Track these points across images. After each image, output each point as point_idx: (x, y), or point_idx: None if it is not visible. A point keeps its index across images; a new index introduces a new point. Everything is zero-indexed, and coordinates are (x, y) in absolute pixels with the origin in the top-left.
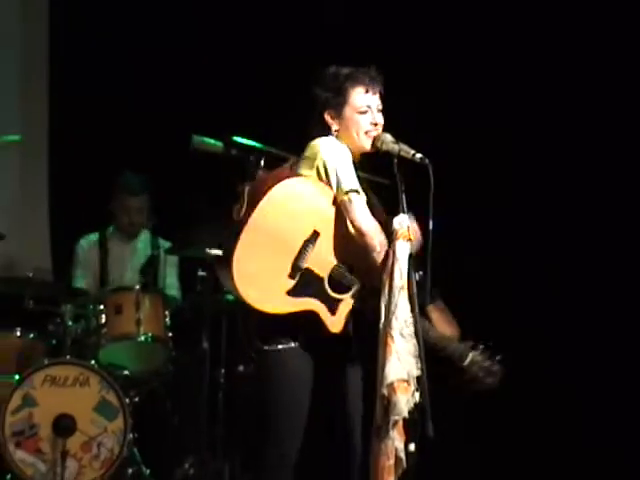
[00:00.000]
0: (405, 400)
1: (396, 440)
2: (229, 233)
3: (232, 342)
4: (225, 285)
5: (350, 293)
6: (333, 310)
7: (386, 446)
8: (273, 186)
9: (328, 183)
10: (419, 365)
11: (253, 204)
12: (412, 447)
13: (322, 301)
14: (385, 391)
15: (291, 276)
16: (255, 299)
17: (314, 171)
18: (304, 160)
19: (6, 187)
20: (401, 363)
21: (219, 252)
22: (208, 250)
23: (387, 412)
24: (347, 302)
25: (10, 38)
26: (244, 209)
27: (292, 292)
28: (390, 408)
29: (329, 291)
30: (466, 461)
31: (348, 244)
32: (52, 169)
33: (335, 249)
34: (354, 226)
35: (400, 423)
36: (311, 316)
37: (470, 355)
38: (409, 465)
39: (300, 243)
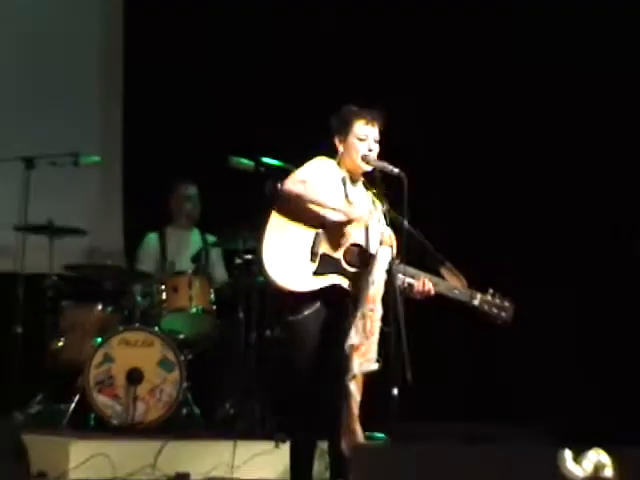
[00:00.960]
0: (358, 362)
1: (352, 388)
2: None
3: (262, 313)
4: (262, 274)
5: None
6: (354, 281)
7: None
8: None
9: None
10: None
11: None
12: (395, 392)
13: (344, 276)
14: (347, 350)
15: (312, 260)
16: (290, 284)
17: None
18: None
19: (89, 196)
20: (357, 334)
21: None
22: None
23: (348, 367)
24: (363, 272)
25: (91, 70)
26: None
27: (317, 273)
28: (349, 365)
29: (347, 267)
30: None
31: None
32: (125, 180)
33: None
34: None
35: (358, 378)
36: (327, 288)
37: (479, 296)
38: (393, 407)
39: (312, 234)
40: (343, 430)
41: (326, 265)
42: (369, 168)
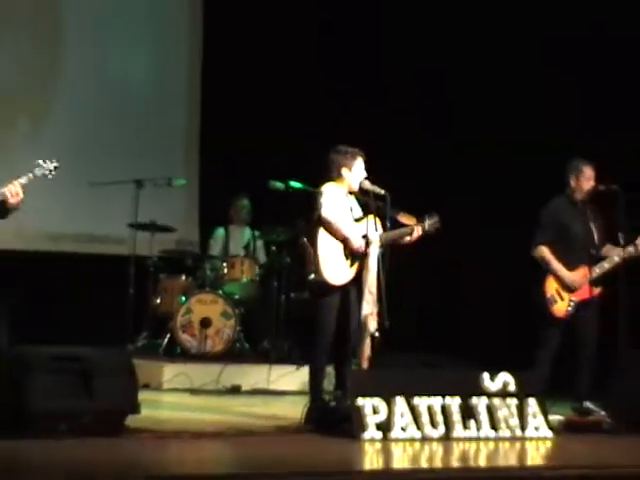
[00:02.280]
0: (372, 325)
1: (367, 341)
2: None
3: (288, 283)
4: (309, 270)
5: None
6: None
7: (364, 341)
8: None
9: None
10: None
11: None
12: (377, 334)
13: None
14: (363, 318)
15: (346, 257)
16: (332, 277)
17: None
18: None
19: (177, 204)
20: (368, 305)
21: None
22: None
23: (364, 328)
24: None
25: (178, 120)
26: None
27: (352, 265)
28: (365, 327)
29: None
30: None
31: None
32: (200, 194)
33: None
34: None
35: (369, 331)
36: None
37: (426, 223)
38: (375, 345)
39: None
40: (359, 359)
41: (355, 259)
42: (367, 188)
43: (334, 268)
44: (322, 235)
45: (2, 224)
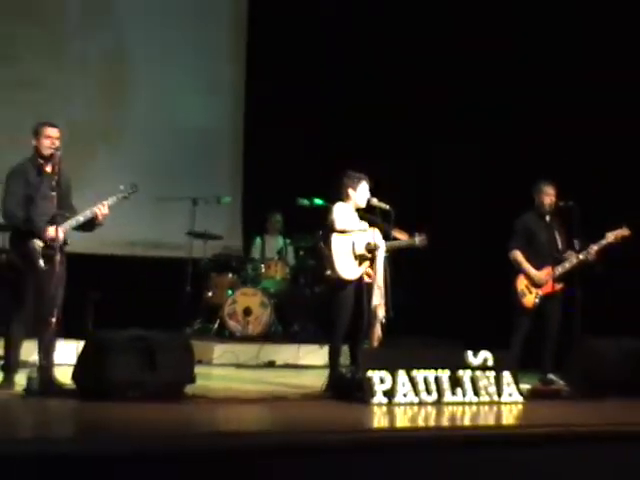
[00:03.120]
0: (381, 313)
1: (378, 326)
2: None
3: (312, 281)
4: (326, 268)
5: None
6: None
7: (374, 326)
8: None
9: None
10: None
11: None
12: (384, 320)
13: (372, 263)
14: (373, 308)
15: (355, 258)
16: (344, 273)
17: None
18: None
19: (224, 217)
20: (377, 296)
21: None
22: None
23: (374, 316)
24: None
25: (225, 136)
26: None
27: (360, 264)
28: (375, 315)
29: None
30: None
31: None
32: (243, 209)
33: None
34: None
35: (378, 318)
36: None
37: (416, 239)
38: (382, 329)
39: (351, 245)
40: (370, 340)
41: (363, 259)
42: (374, 205)
43: (345, 266)
44: (335, 241)
45: (88, 234)
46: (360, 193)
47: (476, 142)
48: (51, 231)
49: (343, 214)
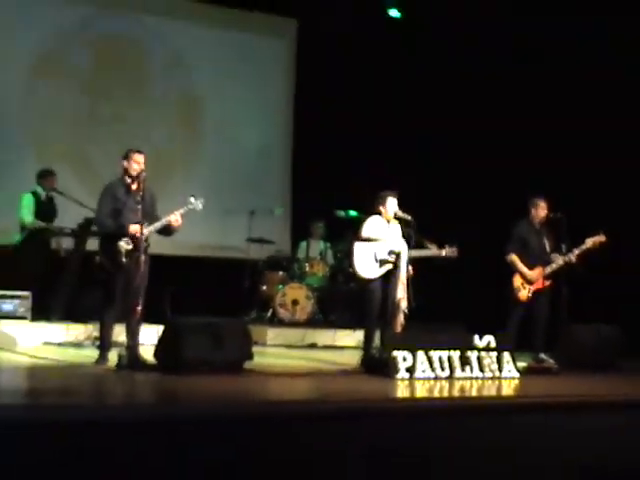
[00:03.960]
0: (404, 304)
1: (401, 315)
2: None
3: (347, 278)
4: (351, 266)
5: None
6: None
7: (398, 315)
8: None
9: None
10: (405, 292)
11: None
12: (406, 309)
13: (395, 266)
14: (397, 300)
15: (376, 261)
16: (366, 274)
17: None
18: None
19: (276, 225)
20: (400, 291)
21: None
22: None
23: (398, 307)
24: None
25: (277, 158)
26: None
27: (380, 266)
28: (399, 305)
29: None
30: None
31: None
32: (292, 217)
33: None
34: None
35: (401, 309)
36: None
37: (444, 251)
38: (405, 318)
39: (373, 251)
40: (394, 326)
41: (383, 262)
42: (400, 216)
43: (365, 268)
44: (357, 247)
45: (165, 238)
46: (389, 207)
47: (480, 163)
48: (133, 227)
49: (373, 226)
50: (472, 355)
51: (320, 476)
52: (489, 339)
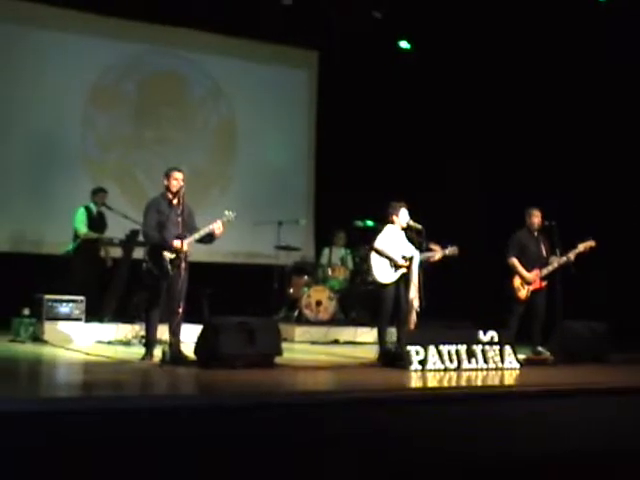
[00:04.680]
0: (416, 304)
1: (414, 313)
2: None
3: (364, 281)
4: (369, 273)
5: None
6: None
7: (411, 314)
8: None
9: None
10: (417, 292)
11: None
12: (418, 308)
13: (407, 270)
14: (410, 300)
15: (390, 266)
16: (382, 279)
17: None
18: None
19: (300, 234)
20: (413, 292)
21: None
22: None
23: (411, 306)
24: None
25: (302, 174)
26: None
27: (395, 271)
28: (412, 305)
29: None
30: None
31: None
32: (315, 228)
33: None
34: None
35: (414, 308)
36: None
37: (447, 250)
38: (417, 316)
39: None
40: (408, 323)
41: (397, 267)
42: (410, 225)
43: (382, 273)
44: (374, 255)
45: (199, 246)
46: (401, 217)
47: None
48: (176, 243)
49: (387, 236)
50: (477, 349)
51: (342, 456)
52: (492, 334)
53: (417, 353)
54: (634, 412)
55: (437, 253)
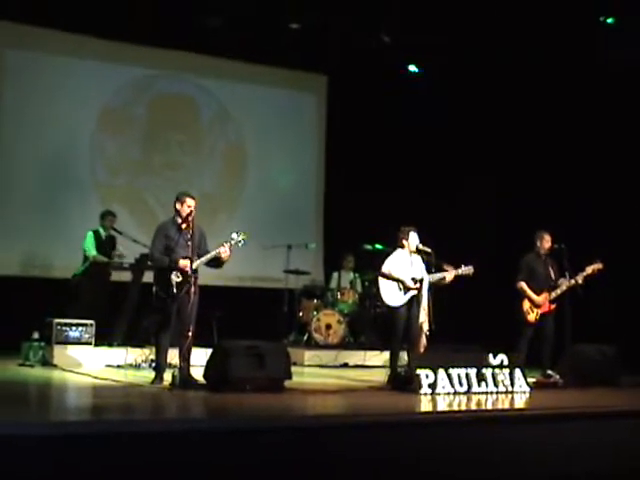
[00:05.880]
0: (425, 327)
1: (423, 337)
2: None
3: (374, 303)
4: (379, 297)
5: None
6: (417, 294)
7: (421, 337)
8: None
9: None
10: (427, 316)
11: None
12: (427, 331)
13: (417, 292)
14: (420, 324)
15: (399, 289)
16: (391, 302)
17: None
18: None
19: (309, 258)
20: (422, 315)
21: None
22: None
23: (421, 329)
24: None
25: (311, 198)
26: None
27: (405, 293)
28: (422, 328)
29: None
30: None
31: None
32: (325, 251)
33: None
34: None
35: (424, 331)
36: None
37: (460, 270)
38: (427, 339)
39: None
40: (418, 347)
41: (406, 290)
42: (420, 249)
43: (391, 297)
44: (382, 280)
45: (209, 270)
46: (411, 241)
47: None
48: (183, 262)
49: (398, 259)
50: (487, 372)
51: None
52: (502, 357)
53: (427, 377)
54: None
55: (450, 273)
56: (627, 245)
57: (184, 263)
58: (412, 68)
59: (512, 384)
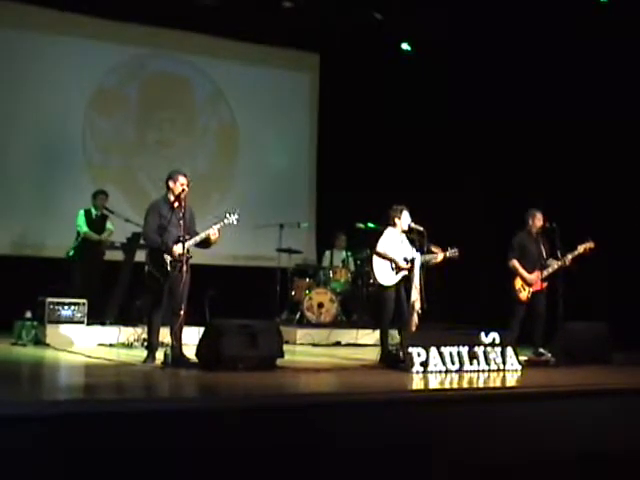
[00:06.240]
0: (417, 305)
1: (415, 316)
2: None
3: (367, 283)
4: (372, 276)
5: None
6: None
7: (413, 316)
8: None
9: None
10: (419, 295)
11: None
12: (419, 310)
13: (409, 272)
14: (412, 303)
15: (392, 269)
16: (384, 281)
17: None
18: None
19: (303, 237)
20: (414, 294)
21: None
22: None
23: (413, 308)
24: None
25: (303, 177)
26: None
27: (397, 273)
28: (414, 307)
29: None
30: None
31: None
32: (317, 230)
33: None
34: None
35: (416, 310)
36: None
37: (448, 252)
38: (419, 318)
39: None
40: (410, 325)
41: (399, 270)
42: (412, 227)
43: (384, 275)
44: (376, 258)
45: (206, 251)
46: (403, 220)
47: (492, 183)
48: (177, 249)
49: (389, 238)
50: (479, 350)
51: (344, 457)
52: (494, 336)
53: (419, 355)
54: (636, 413)
55: (438, 255)
56: (620, 222)
57: (177, 249)
58: (405, 47)
59: (504, 362)
